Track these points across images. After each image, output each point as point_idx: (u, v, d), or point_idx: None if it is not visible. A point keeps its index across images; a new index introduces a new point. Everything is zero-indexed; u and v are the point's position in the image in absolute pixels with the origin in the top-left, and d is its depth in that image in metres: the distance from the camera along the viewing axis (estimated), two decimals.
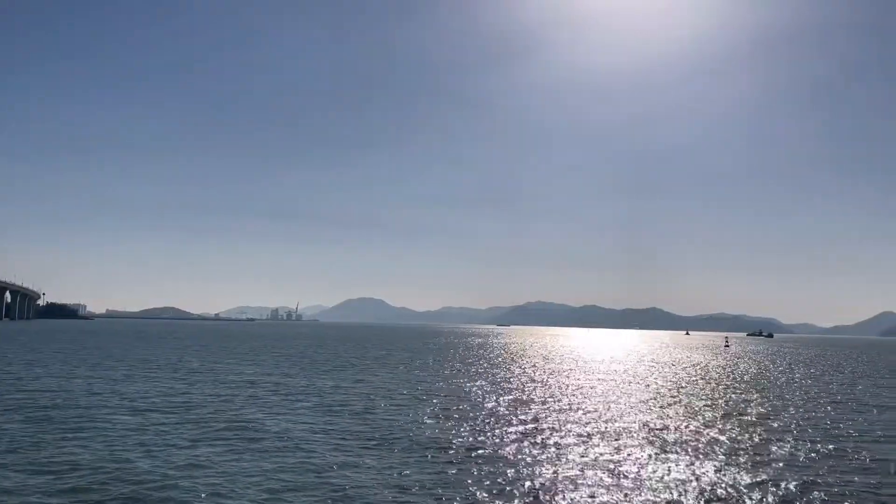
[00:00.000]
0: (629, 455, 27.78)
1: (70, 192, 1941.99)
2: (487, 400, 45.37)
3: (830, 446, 31.43)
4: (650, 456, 27.74)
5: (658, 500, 21.30)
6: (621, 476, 24.12)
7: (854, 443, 32.93)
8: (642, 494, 21.80)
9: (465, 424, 34.58)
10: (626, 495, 21.64)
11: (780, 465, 26.99)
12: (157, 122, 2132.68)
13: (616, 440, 31.22)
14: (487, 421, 36.09)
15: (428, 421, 35.49)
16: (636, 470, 25.10)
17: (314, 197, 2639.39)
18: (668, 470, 25.27)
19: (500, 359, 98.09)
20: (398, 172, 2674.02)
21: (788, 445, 31.42)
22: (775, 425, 37.75)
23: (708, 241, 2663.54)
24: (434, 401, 44.09)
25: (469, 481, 23.04)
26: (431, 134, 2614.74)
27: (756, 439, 32.77)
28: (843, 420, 40.97)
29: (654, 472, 24.92)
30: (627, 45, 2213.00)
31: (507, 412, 39.71)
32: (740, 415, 41.87)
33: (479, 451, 27.87)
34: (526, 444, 29.80)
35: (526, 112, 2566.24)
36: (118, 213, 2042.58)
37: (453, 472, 24.35)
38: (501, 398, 46.59)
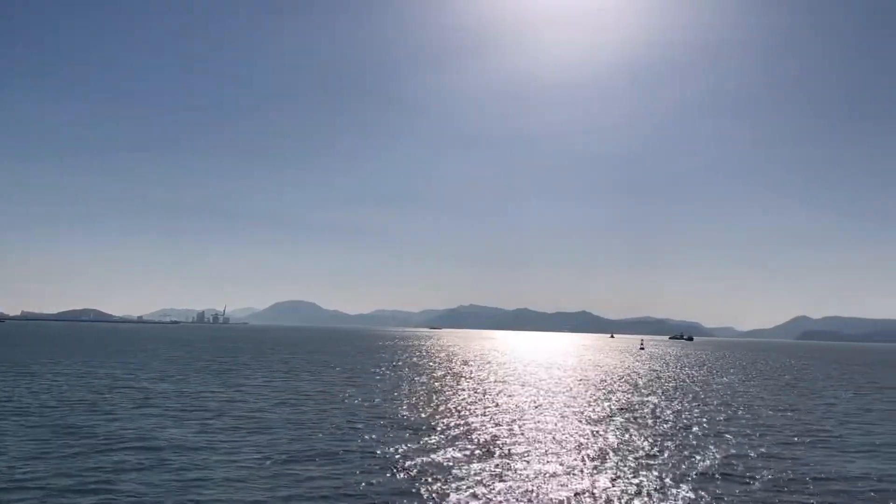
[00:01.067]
0: (456, 453, 27.73)
1: None
2: (353, 404, 44.67)
3: (652, 448, 32.14)
4: (474, 453, 27.72)
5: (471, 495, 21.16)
6: (449, 474, 23.95)
7: (685, 440, 33.78)
8: (459, 491, 21.63)
9: (305, 430, 33.79)
10: (442, 490, 21.42)
11: (595, 462, 27.36)
12: (79, 118, 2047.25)
13: (454, 439, 31.18)
14: (333, 426, 35.39)
15: (270, 425, 34.50)
16: (461, 467, 24.99)
17: (244, 196, 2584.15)
18: (483, 466, 25.25)
19: (405, 362, 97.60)
20: (331, 173, 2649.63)
21: (617, 442, 32.03)
22: (618, 422, 38.57)
23: (636, 246, 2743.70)
24: (300, 406, 42.68)
25: (260, 487, 22.38)
26: (364, 134, 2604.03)
27: (588, 437, 33.23)
28: (689, 419, 42.17)
29: (470, 469, 24.83)
30: (562, 54, 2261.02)
31: (369, 416, 39.11)
32: (591, 412, 42.60)
33: (299, 457, 27.22)
34: (356, 447, 29.35)
35: (458, 114, 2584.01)
36: (36, 209, 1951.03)
37: (253, 477, 23.62)
38: (372, 402, 45.92)
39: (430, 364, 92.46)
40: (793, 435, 36.81)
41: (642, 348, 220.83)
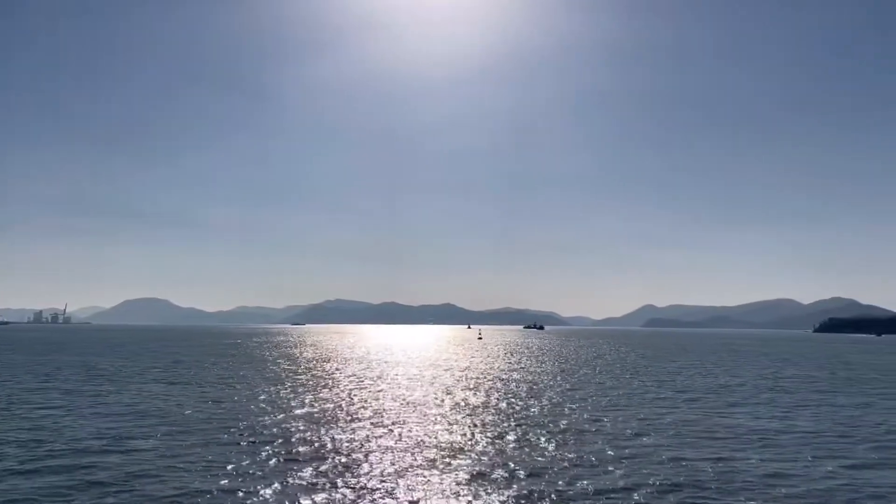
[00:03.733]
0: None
1: None
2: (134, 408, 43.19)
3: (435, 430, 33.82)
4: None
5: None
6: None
7: (466, 425, 35.71)
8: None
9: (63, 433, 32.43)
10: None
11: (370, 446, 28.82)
12: None
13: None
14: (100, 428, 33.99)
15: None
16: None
17: (90, 189, 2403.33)
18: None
19: (228, 363, 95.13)
20: (185, 166, 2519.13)
21: (400, 428, 34.13)
22: (394, 409, 40.62)
23: (497, 241, 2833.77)
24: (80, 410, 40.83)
25: None
26: (225, 127, 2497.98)
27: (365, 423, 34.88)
28: (488, 404, 45.05)
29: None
30: (416, 53, 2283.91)
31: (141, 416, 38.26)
32: (386, 399, 44.49)
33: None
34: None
35: (318, 109, 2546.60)
36: None
37: None
38: (159, 404, 44.58)
39: (247, 365, 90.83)
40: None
41: (480, 338, 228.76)
